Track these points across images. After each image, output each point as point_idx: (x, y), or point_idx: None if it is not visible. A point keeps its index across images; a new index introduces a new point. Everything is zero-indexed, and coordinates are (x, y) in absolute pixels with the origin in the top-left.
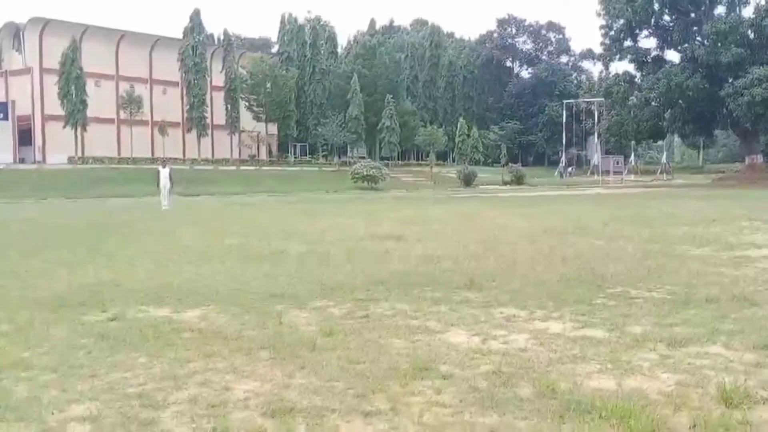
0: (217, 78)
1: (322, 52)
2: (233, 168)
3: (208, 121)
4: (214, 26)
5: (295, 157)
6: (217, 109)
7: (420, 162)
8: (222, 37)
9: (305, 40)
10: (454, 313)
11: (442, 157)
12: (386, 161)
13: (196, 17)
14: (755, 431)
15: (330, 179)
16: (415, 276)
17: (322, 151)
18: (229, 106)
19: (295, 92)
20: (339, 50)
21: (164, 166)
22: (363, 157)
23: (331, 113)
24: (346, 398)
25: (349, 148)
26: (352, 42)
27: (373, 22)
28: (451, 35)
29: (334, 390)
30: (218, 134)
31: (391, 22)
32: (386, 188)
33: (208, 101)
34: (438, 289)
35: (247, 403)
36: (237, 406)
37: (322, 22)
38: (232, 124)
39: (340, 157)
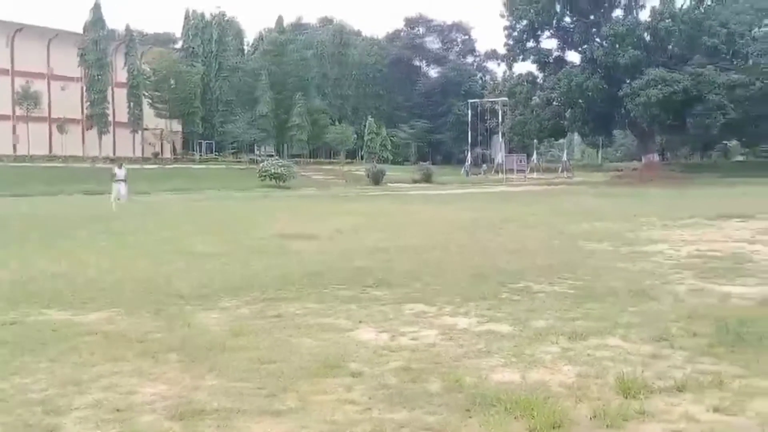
0: (120, 74)
1: (229, 48)
2: (137, 166)
3: (110, 118)
4: (115, 21)
5: (201, 155)
6: (119, 106)
7: (330, 160)
8: (124, 32)
9: (211, 36)
10: (363, 311)
11: (352, 155)
12: (296, 159)
13: (97, 11)
14: (651, 420)
15: (238, 177)
16: (326, 275)
17: (230, 149)
18: (131, 103)
19: (201, 88)
20: (246, 47)
21: (120, 167)
22: (272, 155)
23: (240, 110)
24: (256, 399)
25: (257, 146)
26: (259, 39)
27: (280, 19)
28: (358, 33)
29: (243, 391)
30: (120, 132)
31: (299, 19)
32: (296, 186)
33: (109, 98)
34: (349, 287)
35: (153, 407)
36: (143, 410)
37: (227, 18)
38: (135, 121)
39: (248, 155)
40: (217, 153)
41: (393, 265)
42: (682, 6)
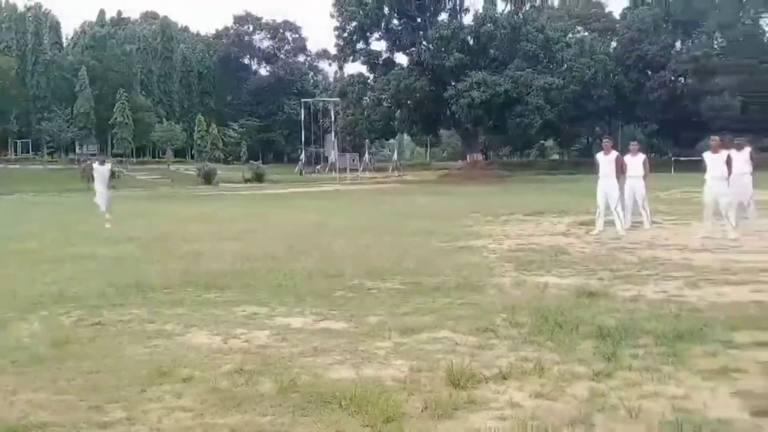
0: None
1: (45, 41)
2: None
3: None
4: None
5: (16, 155)
6: None
7: (157, 159)
8: None
9: (26, 29)
10: (194, 314)
11: (181, 154)
12: (120, 158)
13: None
14: (479, 408)
15: (57, 178)
16: (152, 279)
17: (48, 149)
18: None
19: (16, 84)
20: (66, 41)
21: (103, 163)
22: (94, 155)
23: (57, 107)
24: (79, 411)
25: (78, 145)
26: (79, 33)
27: (102, 13)
28: (185, 29)
29: (65, 404)
30: None
31: (119, 14)
32: (120, 186)
33: None
34: (177, 291)
35: None
36: None
37: (44, 9)
38: None
39: (68, 155)
40: (34, 153)
41: (224, 266)
42: (503, 11)
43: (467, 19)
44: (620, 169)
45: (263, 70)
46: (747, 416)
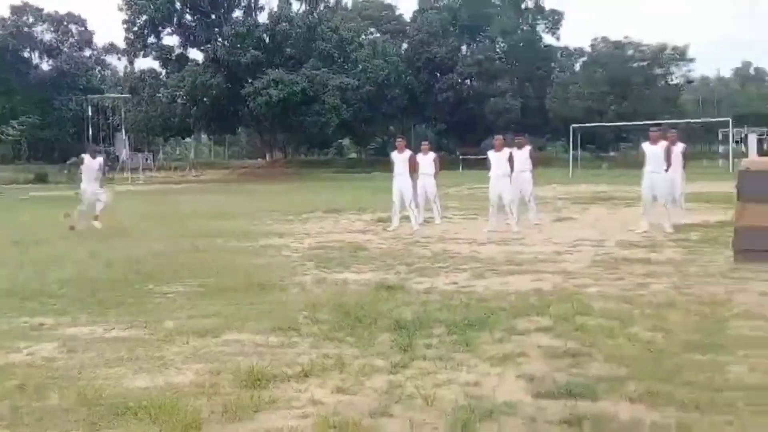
0: None
1: None
2: None
3: None
4: None
5: None
6: None
7: None
8: None
9: None
10: None
11: None
12: None
13: None
14: (280, 408)
15: None
16: None
17: None
18: None
19: None
20: None
21: (95, 156)
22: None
23: None
24: None
25: None
26: None
27: None
28: None
29: None
30: None
31: None
32: None
33: None
34: None
35: None
36: None
37: None
38: None
39: None
40: None
41: (7, 274)
42: (298, 10)
43: (262, 17)
44: (413, 167)
45: (45, 65)
46: (530, 398)
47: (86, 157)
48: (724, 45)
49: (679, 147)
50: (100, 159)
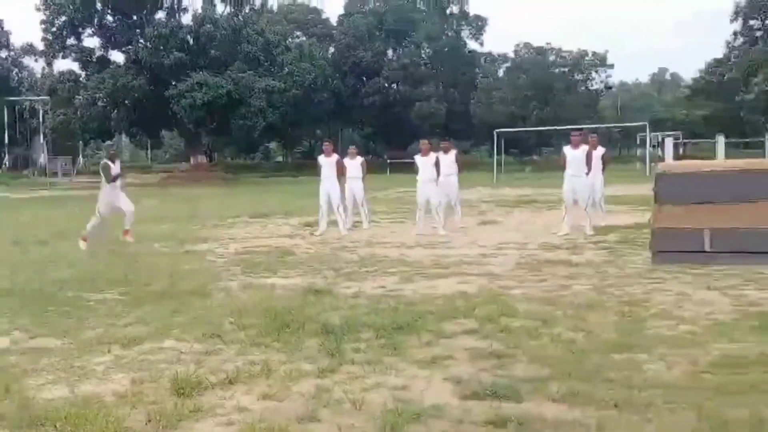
0: None
1: None
2: None
3: None
4: None
5: None
6: None
7: None
8: None
9: None
10: None
11: None
12: None
13: None
14: (205, 416)
15: None
16: None
17: None
18: None
19: None
20: None
21: (114, 161)
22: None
23: None
24: None
25: None
26: None
27: None
28: None
29: None
30: None
31: None
32: None
33: None
34: None
35: None
36: None
37: None
38: None
39: None
40: None
41: None
42: (223, 12)
43: (186, 19)
44: (341, 171)
45: None
46: (457, 400)
47: (106, 160)
48: (643, 51)
49: (599, 151)
50: (119, 163)
